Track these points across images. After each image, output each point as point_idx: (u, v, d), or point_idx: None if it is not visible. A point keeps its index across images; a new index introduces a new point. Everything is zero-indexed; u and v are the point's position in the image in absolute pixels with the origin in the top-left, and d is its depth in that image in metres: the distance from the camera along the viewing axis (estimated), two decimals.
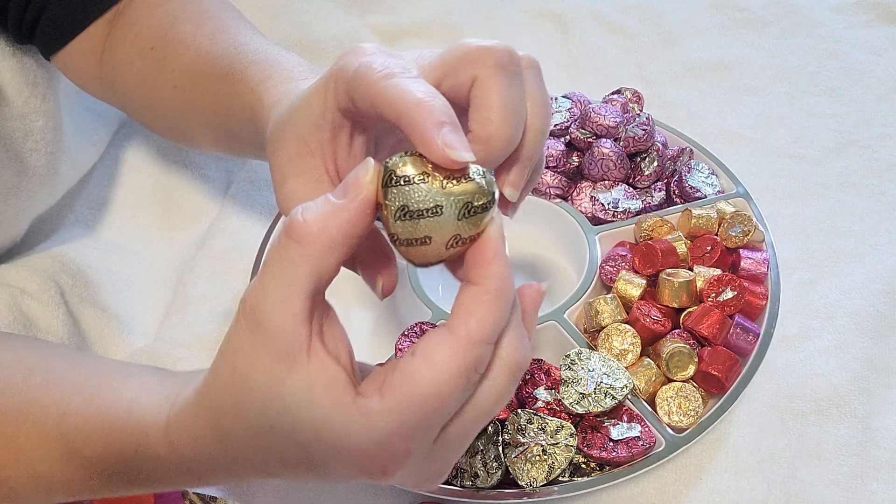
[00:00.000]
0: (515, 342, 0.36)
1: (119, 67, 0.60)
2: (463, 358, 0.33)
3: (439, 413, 0.34)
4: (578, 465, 0.54)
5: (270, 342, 0.34)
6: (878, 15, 0.92)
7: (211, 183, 0.77)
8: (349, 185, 0.34)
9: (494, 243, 0.35)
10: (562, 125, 0.72)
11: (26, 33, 0.60)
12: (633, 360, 0.58)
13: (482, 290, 0.34)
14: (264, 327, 0.34)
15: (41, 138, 0.62)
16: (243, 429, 0.36)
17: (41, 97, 0.62)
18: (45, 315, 0.61)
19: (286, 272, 0.34)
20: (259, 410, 0.35)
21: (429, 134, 0.34)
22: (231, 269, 0.70)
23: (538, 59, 0.42)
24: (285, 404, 0.34)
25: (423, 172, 0.34)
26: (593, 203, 0.68)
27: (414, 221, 0.34)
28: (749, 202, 0.67)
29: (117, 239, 0.72)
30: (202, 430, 0.37)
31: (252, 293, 0.35)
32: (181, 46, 0.57)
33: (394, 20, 0.95)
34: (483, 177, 0.35)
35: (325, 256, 0.34)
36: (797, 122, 0.82)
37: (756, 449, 0.57)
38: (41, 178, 0.63)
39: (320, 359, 0.34)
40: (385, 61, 0.38)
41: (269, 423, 0.35)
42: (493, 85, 0.38)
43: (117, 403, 0.41)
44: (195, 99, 0.56)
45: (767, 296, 0.61)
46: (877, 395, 0.60)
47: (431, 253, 0.35)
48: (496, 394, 0.36)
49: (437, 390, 0.33)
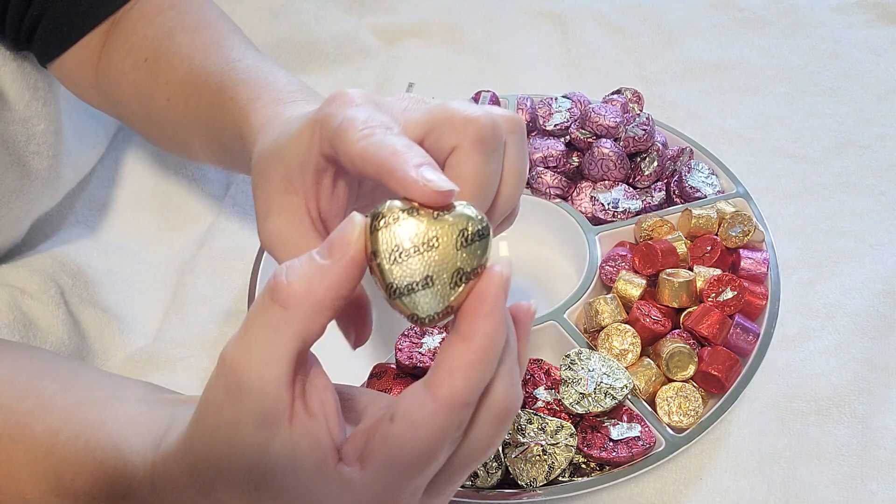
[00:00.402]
0: (505, 390, 0.34)
1: (114, 78, 0.60)
2: (445, 420, 0.32)
3: (423, 473, 0.34)
4: (578, 465, 0.54)
5: (253, 406, 0.33)
6: (878, 15, 0.92)
7: (211, 183, 0.77)
8: (335, 243, 0.33)
9: (492, 294, 0.33)
10: (562, 125, 0.72)
11: (24, 40, 0.60)
12: (633, 360, 0.58)
13: (468, 347, 0.32)
14: (245, 389, 0.33)
15: (43, 142, 0.62)
16: (228, 488, 0.35)
17: (42, 101, 0.62)
18: (46, 315, 0.61)
19: (269, 337, 0.33)
20: (243, 473, 0.34)
21: (409, 175, 0.34)
22: (231, 269, 0.70)
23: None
24: (269, 470, 0.34)
25: (412, 208, 0.33)
26: (593, 203, 0.68)
27: (410, 260, 0.33)
28: (749, 202, 0.67)
29: (117, 239, 0.72)
30: (186, 485, 0.37)
31: (233, 352, 0.33)
32: (176, 59, 0.57)
33: (394, 20, 0.95)
34: (470, 208, 0.34)
35: (311, 320, 0.33)
36: (797, 122, 0.82)
37: (756, 449, 0.57)
38: (43, 182, 0.64)
39: (303, 424, 0.33)
40: (368, 118, 0.37)
41: (254, 485, 0.34)
42: (469, 160, 0.38)
43: (105, 440, 0.41)
44: (188, 112, 0.56)
45: (767, 296, 0.61)
46: (877, 395, 0.60)
47: (436, 297, 0.33)
48: (483, 441, 0.35)
49: (419, 454, 0.33)
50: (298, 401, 0.34)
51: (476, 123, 0.38)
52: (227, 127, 0.52)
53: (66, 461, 0.41)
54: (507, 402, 0.34)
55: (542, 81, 0.87)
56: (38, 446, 0.41)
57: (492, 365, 0.33)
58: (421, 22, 0.95)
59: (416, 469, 0.33)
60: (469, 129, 0.38)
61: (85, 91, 0.63)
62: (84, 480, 0.40)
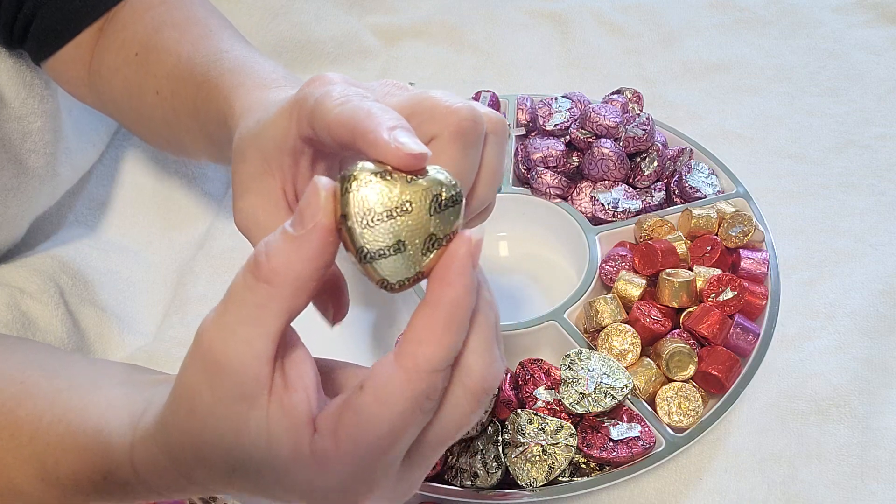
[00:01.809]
0: (479, 365, 0.33)
1: (106, 75, 0.60)
2: (413, 391, 0.32)
3: (396, 447, 0.33)
4: (578, 465, 0.54)
5: (231, 384, 0.33)
6: (878, 15, 0.92)
7: (211, 183, 0.77)
8: (303, 211, 0.32)
9: (460, 259, 0.32)
10: (562, 125, 0.72)
11: (17, 39, 0.60)
12: (633, 360, 0.58)
13: (435, 315, 0.32)
14: (224, 368, 0.32)
15: (40, 139, 0.62)
16: (206, 470, 0.35)
17: (39, 98, 0.62)
18: (45, 314, 0.61)
19: (252, 314, 0.32)
20: (221, 456, 0.34)
21: (381, 136, 0.33)
22: (231, 269, 0.70)
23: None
24: (246, 450, 0.33)
25: (384, 171, 0.32)
26: (593, 203, 0.68)
27: (382, 224, 0.32)
28: (749, 202, 0.67)
29: (117, 239, 0.72)
30: (166, 467, 0.37)
31: (212, 331, 0.33)
32: (164, 52, 0.57)
33: (394, 20, 0.95)
34: (443, 173, 0.33)
35: (294, 296, 0.32)
36: (797, 122, 0.82)
37: (756, 449, 0.57)
38: (41, 179, 0.63)
39: (279, 399, 0.33)
40: (344, 90, 0.37)
41: (231, 466, 0.34)
42: (447, 150, 0.38)
43: (86, 423, 0.40)
44: (177, 105, 0.56)
45: (767, 296, 0.61)
46: (877, 395, 0.60)
47: (407, 263, 0.32)
48: (457, 416, 0.34)
49: (389, 427, 0.32)
50: (278, 373, 0.33)
51: (458, 115, 0.38)
52: (213, 116, 0.52)
53: (50, 445, 0.41)
54: (482, 376, 0.34)
55: (542, 81, 0.87)
56: (22, 431, 0.41)
57: (460, 331, 0.32)
58: (421, 22, 0.95)
59: (386, 442, 0.32)
60: (450, 120, 0.38)
61: (79, 89, 0.63)
62: (68, 464, 0.40)
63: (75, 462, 0.40)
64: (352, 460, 0.33)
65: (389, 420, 0.32)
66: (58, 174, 0.66)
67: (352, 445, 0.32)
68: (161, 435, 0.36)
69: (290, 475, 0.34)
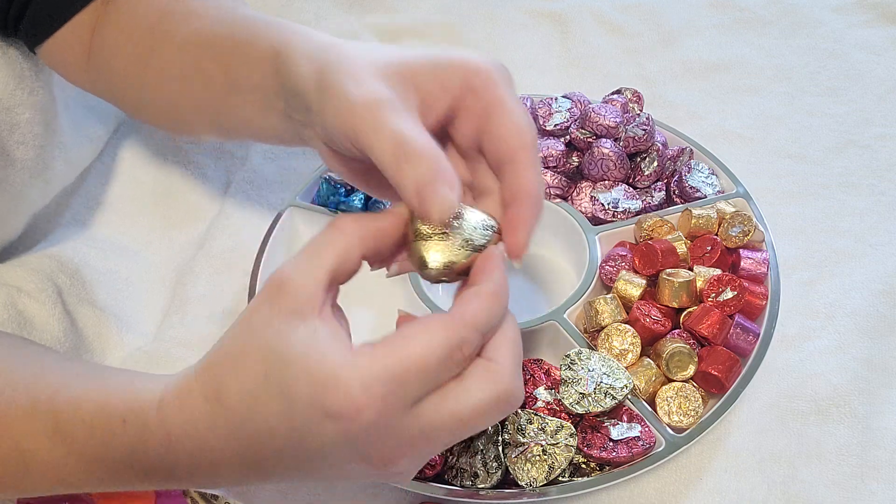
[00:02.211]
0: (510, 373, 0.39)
1: (108, 54, 0.59)
2: (452, 333, 0.37)
3: (420, 373, 0.37)
4: (578, 465, 0.54)
5: (289, 300, 0.38)
6: (878, 15, 0.92)
7: (210, 182, 0.77)
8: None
9: (497, 257, 0.41)
10: (562, 125, 0.72)
11: (11, 26, 0.59)
12: (633, 360, 0.58)
13: (481, 288, 0.39)
14: (284, 290, 0.38)
15: (28, 131, 0.61)
16: (236, 384, 0.38)
17: (28, 90, 0.61)
18: (42, 314, 0.60)
19: (316, 247, 0.39)
20: (258, 359, 0.38)
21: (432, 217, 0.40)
22: (231, 269, 0.70)
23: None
24: (284, 356, 0.37)
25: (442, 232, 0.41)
26: (593, 203, 0.68)
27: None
28: (749, 202, 0.67)
29: (116, 238, 0.72)
30: (194, 395, 0.40)
31: (282, 266, 0.39)
32: (193, 16, 0.56)
33: (394, 20, 0.95)
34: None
35: (352, 245, 0.40)
36: (797, 122, 0.82)
37: (756, 449, 0.57)
38: (30, 172, 0.63)
39: (327, 320, 0.38)
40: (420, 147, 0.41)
41: (264, 371, 0.38)
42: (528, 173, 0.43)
43: (114, 378, 0.44)
44: (202, 67, 0.54)
45: (767, 296, 0.61)
46: (877, 395, 0.60)
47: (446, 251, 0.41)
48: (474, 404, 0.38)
49: (422, 352, 0.37)
50: (327, 306, 0.39)
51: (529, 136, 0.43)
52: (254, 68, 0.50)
53: (70, 401, 0.43)
54: (511, 386, 0.39)
55: (541, 81, 0.87)
56: (44, 392, 0.43)
57: (498, 306, 0.39)
58: (421, 22, 0.95)
59: (414, 362, 0.37)
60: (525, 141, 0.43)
61: (76, 74, 0.62)
62: (84, 415, 0.42)
63: (94, 410, 0.42)
64: (380, 363, 0.37)
65: (424, 346, 0.37)
66: (49, 168, 0.65)
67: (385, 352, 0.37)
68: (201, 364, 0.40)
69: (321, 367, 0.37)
